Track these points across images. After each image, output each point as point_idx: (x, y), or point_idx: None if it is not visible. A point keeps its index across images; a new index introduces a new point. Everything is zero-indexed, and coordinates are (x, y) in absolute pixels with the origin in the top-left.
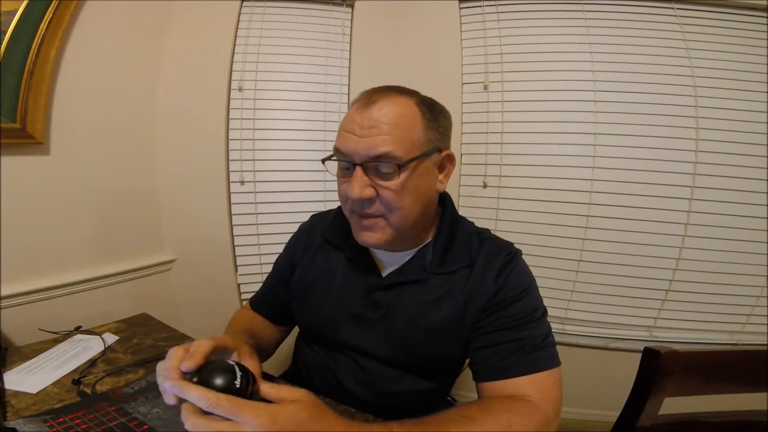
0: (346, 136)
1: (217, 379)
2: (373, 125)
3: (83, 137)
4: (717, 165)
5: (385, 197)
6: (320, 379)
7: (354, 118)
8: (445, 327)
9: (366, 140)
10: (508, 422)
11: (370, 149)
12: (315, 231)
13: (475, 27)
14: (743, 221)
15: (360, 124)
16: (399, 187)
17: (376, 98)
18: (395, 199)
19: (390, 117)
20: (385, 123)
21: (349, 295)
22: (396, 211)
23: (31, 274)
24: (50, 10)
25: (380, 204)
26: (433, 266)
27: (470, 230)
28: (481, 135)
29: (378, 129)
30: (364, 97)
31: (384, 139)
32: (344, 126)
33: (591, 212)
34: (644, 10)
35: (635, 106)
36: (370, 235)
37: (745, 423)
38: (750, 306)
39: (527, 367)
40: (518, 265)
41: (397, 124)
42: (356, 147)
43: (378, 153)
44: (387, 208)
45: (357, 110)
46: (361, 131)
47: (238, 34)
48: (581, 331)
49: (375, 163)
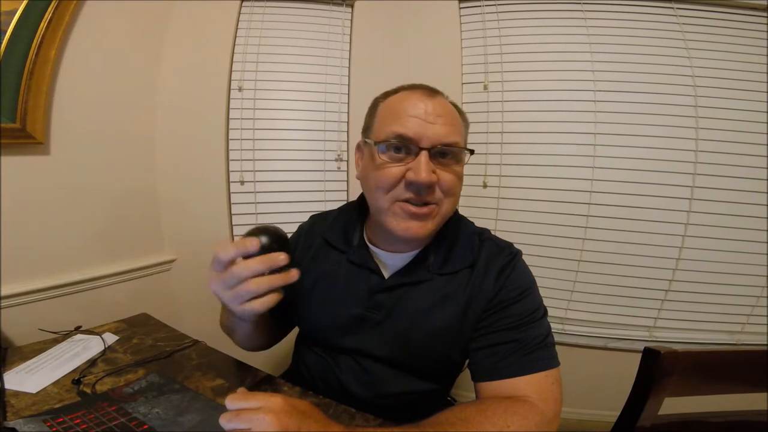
0: (411, 121)
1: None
2: (442, 114)
3: (83, 137)
4: (717, 165)
5: (446, 182)
6: (321, 380)
7: (417, 105)
8: (448, 328)
9: (437, 126)
10: (505, 423)
11: (442, 136)
12: (314, 232)
13: (475, 27)
14: (743, 221)
15: (426, 111)
16: (457, 175)
17: (432, 93)
18: (455, 185)
19: (450, 110)
20: (450, 115)
21: (350, 297)
22: (451, 197)
23: (31, 274)
24: (50, 10)
25: (439, 190)
26: (436, 267)
27: (472, 230)
28: (481, 135)
29: (446, 118)
30: (417, 88)
31: (452, 129)
32: (406, 110)
33: (591, 212)
34: (644, 10)
35: (635, 106)
36: (419, 225)
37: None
38: (750, 306)
39: (526, 367)
40: (519, 265)
41: (454, 118)
42: (426, 131)
43: (448, 141)
44: (445, 194)
45: (420, 98)
46: (431, 117)
47: (238, 34)
48: (581, 331)
49: (443, 149)
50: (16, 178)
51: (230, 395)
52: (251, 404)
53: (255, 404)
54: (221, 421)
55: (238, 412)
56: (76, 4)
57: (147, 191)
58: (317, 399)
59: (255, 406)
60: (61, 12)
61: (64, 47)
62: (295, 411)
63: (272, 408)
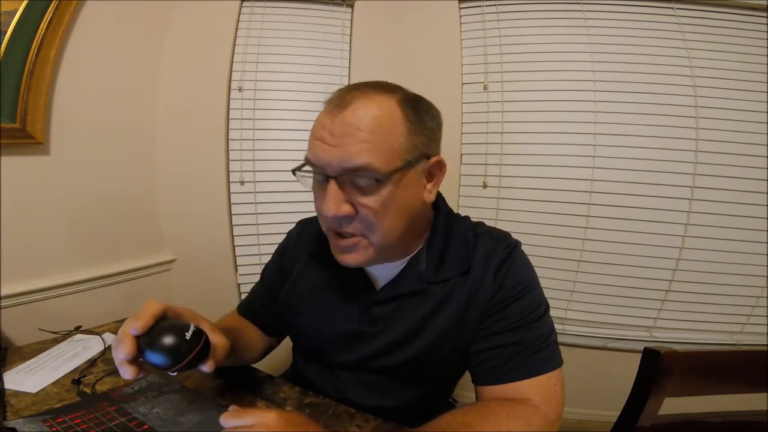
0: (316, 145)
1: (166, 336)
2: (347, 132)
3: (83, 137)
4: (717, 165)
5: (364, 216)
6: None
7: (324, 123)
8: (447, 334)
9: (338, 149)
10: (507, 427)
11: (344, 160)
12: (302, 240)
13: (474, 27)
14: (743, 221)
15: (331, 130)
16: (379, 204)
17: (350, 99)
18: (376, 218)
19: (366, 121)
20: (361, 129)
21: (343, 312)
22: (377, 231)
23: (31, 274)
24: (50, 10)
25: (359, 222)
26: (428, 275)
27: (466, 227)
28: (481, 135)
29: (352, 136)
30: (336, 98)
31: (360, 148)
32: (314, 133)
33: (591, 212)
34: (644, 10)
35: (635, 106)
36: (350, 256)
37: (745, 423)
38: (750, 306)
39: (528, 370)
40: (517, 258)
41: (374, 129)
42: (328, 157)
43: (354, 165)
44: (367, 228)
45: (328, 114)
46: (333, 139)
47: (238, 34)
48: (581, 331)
49: (351, 177)
50: (15, 178)
51: (224, 414)
52: (245, 422)
53: (249, 421)
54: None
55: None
56: (76, 4)
57: (147, 191)
58: (317, 399)
59: (249, 423)
60: (61, 12)
61: (64, 47)
62: (290, 425)
63: (266, 424)
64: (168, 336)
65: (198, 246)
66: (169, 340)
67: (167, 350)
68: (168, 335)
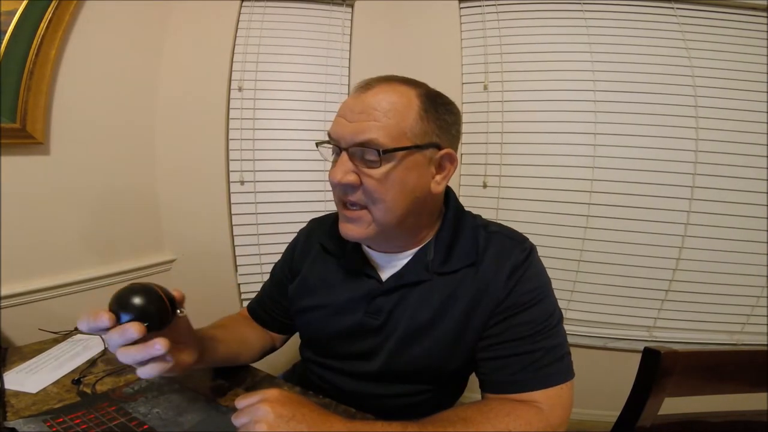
0: (337, 121)
1: (135, 297)
2: (364, 110)
3: (83, 137)
4: (717, 165)
5: (367, 186)
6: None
7: (348, 103)
8: (451, 330)
9: (354, 125)
10: (506, 427)
11: (355, 134)
12: (313, 237)
13: (475, 27)
14: (743, 221)
15: (351, 108)
16: (382, 176)
17: (375, 84)
18: (377, 189)
19: (383, 104)
20: (377, 109)
21: (349, 305)
22: (378, 203)
23: (31, 274)
24: (50, 10)
25: (363, 193)
26: (435, 265)
27: (476, 224)
28: (481, 135)
29: (368, 114)
30: (363, 83)
31: (371, 125)
32: (338, 111)
33: (591, 212)
34: (644, 10)
35: (635, 106)
36: (352, 227)
37: (745, 423)
38: (750, 306)
39: (540, 382)
40: (533, 263)
41: (389, 111)
42: (344, 132)
43: (363, 139)
44: (369, 198)
45: (352, 96)
46: (352, 115)
47: (238, 34)
48: (581, 331)
49: (360, 149)
50: (16, 178)
51: (236, 399)
52: (252, 399)
53: (255, 398)
54: (233, 420)
55: (244, 408)
56: (76, 4)
57: (147, 191)
58: (317, 399)
59: (255, 399)
60: (61, 12)
61: (64, 47)
62: (290, 400)
63: (268, 398)
64: (135, 297)
65: (198, 246)
66: (138, 299)
67: (141, 307)
68: (135, 296)
